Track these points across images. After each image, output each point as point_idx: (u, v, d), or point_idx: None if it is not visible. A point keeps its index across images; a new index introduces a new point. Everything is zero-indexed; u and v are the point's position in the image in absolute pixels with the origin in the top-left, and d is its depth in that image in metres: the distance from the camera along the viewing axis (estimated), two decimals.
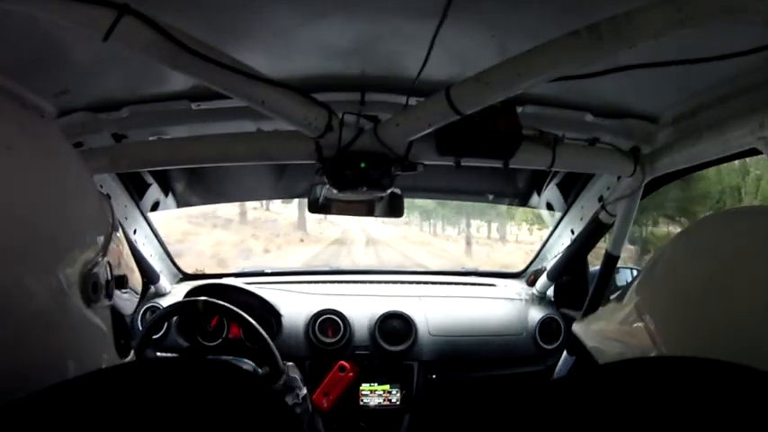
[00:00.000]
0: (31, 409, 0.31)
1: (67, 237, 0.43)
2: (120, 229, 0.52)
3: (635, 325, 0.57)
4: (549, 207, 1.71)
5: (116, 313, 0.52)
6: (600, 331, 0.74)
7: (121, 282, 0.53)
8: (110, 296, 0.49)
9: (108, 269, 0.48)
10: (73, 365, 0.43)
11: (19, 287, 0.38)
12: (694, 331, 0.50)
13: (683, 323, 0.52)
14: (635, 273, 1.85)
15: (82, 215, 0.45)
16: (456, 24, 0.76)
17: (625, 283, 1.73)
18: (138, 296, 0.61)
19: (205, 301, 1.23)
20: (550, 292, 1.80)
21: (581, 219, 1.56)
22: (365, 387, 1.59)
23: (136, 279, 0.60)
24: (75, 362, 0.44)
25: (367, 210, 1.25)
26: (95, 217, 0.47)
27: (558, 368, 1.66)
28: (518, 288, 1.87)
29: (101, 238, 0.47)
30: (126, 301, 0.55)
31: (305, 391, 1.21)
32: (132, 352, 0.58)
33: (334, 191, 1.07)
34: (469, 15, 0.77)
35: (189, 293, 1.56)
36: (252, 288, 1.63)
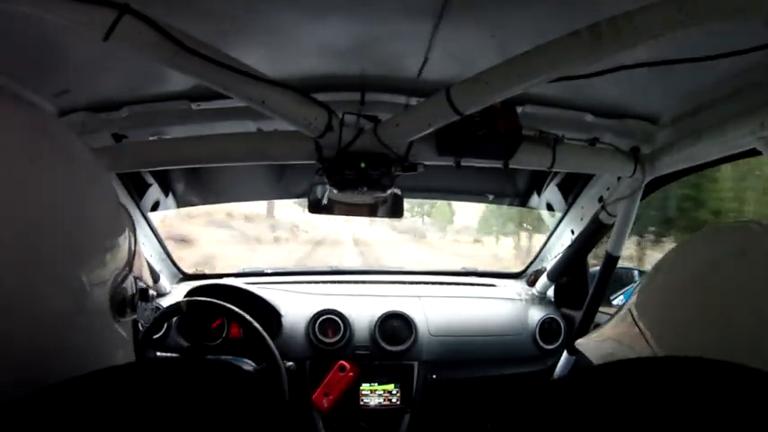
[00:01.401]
0: (32, 408, 0.31)
1: (95, 247, 0.43)
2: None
3: (636, 340, 0.57)
4: (549, 207, 1.71)
5: (134, 322, 0.52)
6: (605, 347, 0.73)
7: (145, 294, 0.53)
8: (135, 310, 0.49)
9: (134, 283, 0.49)
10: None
11: (48, 297, 0.38)
12: (694, 345, 0.50)
13: (682, 337, 0.52)
14: (636, 273, 1.85)
15: (106, 223, 0.45)
16: (456, 24, 0.76)
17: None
18: (155, 297, 0.61)
19: (188, 301, 1.27)
20: (550, 292, 1.80)
21: (581, 219, 1.56)
22: (365, 387, 1.58)
23: (148, 278, 0.60)
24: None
25: (367, 210, 1.25)
26: (120, 227, 0.47)
27: (558, 368, 1.65)
28: (518, 288, 1.87)
29: (126, 250, 0.47)
30: (145, 312, 0.56)
31: None
32: None
33: (335, 191, 1.07)
34: (469, 15, 0.77)
35: (189, 293, 1.56)
36: (252, 288, 1.63)
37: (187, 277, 1.89)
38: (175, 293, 1.70)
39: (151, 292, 0.56)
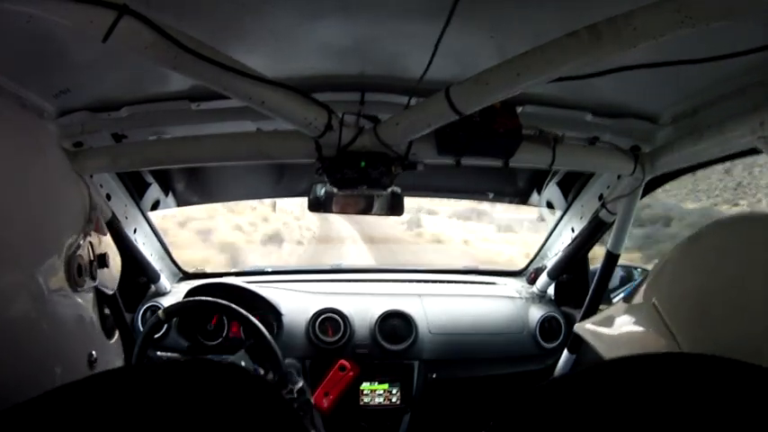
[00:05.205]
0: (37, 411, 0.31)
1: (49, 229, 0.44)
2: (100, 212, 0.52)
3: (652, 326, 0.57)
4: (550, 206, 1.71)
5: (99, 293, 0.52)
6: (610, 332, 0.73)
7: (103, 260, 0.53)
8: (93, 277, 0.49)
9: (90, 249, 0.48)
10: (64, 349, 0.44)
11: (7, 283, 0.38)
12: (714, 331, 0.50)
13: (702, 324, 0.52)
14: (636, 271, 1.85)
15: (61, 206, 0.46)
16: (456, 25, 0.76)
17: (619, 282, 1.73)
18: (119, 273, 0.61)
19: (163, 309, 1.32)
20: (551, 290, 1.80)
21: (581, 217, 1.57)
22: (365, 386, 1.59)
23: (113, 258, 0.59)
24: (66, 345, 0.44)
25: (366, 209, 1.25)
26: (74, 205, 0.48)
27: (558, 367, 1.66)
28: (518, 286, 1.87)
29: (80, 223, 0.47)
30: (107, 279, 0.55)
31: (301, 383, 1.20)
32: (117, 332, 0.58)
33: (335, 190, 1.07)
34: (469, 16, 0.77)
35: (189, 293, 1.57)
36: (252, 287, 1.63)
37: (187, 276, 1.89)
38: (175, 292, 1.70)
39: (150, 288, 0.56)
